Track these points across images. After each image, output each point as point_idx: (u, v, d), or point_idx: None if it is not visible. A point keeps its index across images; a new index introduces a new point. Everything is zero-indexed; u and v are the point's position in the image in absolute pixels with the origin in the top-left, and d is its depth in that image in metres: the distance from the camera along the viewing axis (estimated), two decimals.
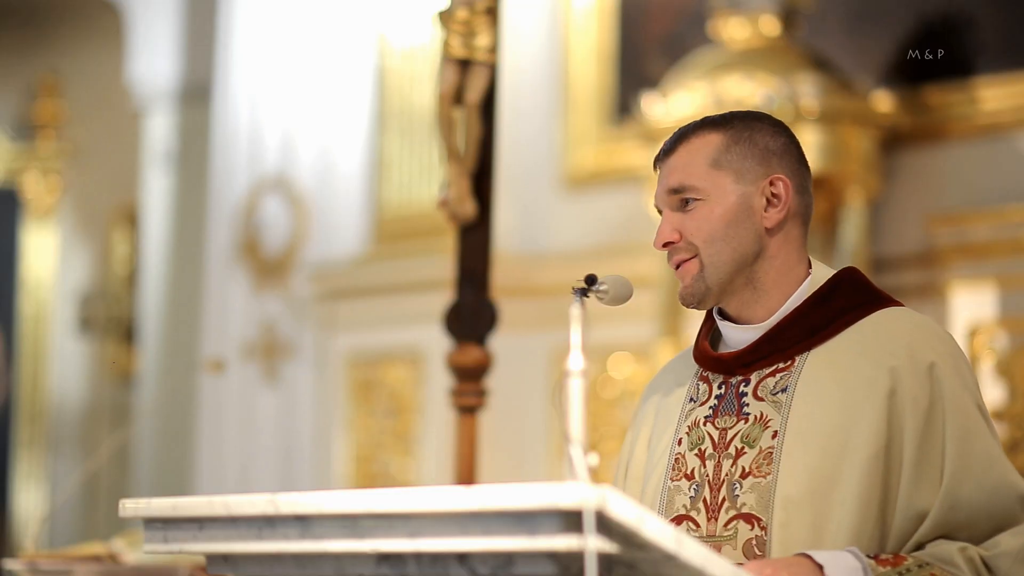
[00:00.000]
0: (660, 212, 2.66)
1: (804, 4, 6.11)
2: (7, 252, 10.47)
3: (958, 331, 5.68)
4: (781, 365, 2.57)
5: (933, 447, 2.47)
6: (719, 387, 2.63)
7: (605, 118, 7.00)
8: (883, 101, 5.97)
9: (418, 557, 2.17)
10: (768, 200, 2.59)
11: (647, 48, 6.93)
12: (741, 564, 2.40)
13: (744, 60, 5.98)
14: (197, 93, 8.79)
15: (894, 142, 6.03)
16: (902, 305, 2.63)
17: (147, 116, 9.22)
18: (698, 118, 2.67)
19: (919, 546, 2.47)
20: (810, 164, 6.22)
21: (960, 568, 2.42)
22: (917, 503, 2.46)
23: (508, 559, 2.07)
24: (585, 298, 2.34)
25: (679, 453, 2.62)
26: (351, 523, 2.20)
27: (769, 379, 2.57)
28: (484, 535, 2.06)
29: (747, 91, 5.83)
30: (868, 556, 2.41)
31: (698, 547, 2.07)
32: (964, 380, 2.53)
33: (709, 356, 2.65)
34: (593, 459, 2.06)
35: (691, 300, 2.61)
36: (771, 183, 2.58)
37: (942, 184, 6.02)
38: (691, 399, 2.66)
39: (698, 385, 2.66)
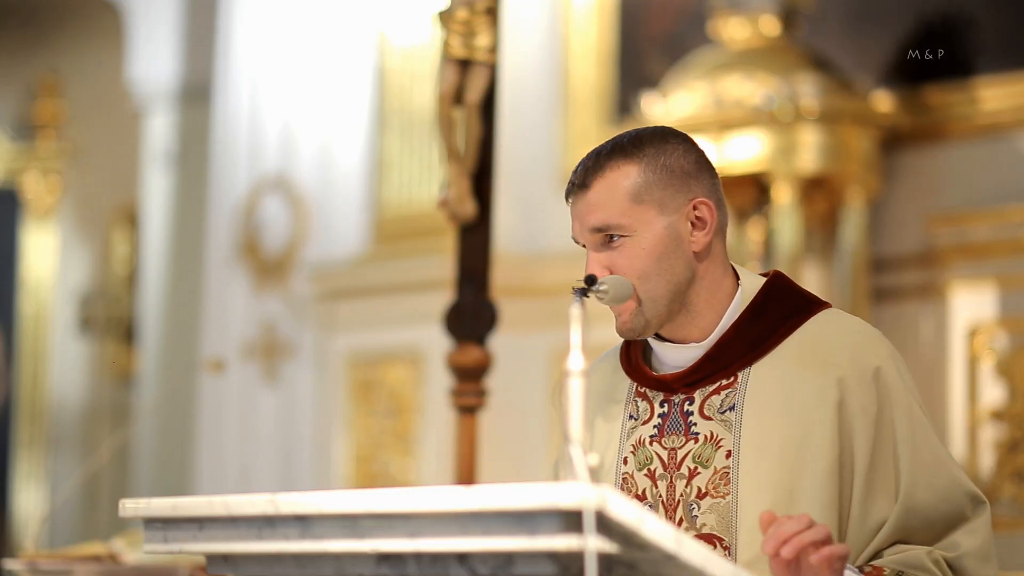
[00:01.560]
0: (580, 244, 2.61)
1: (804, 4, 6.11)
2: (7, 252, 10.46)
3: (958, 331, 5.69)
4: (724, 382, 2.55)
5: (885, 455, 2.48)
6: (661, 405, 2.60)
7: (605, 118, 7.00)
8: (883, 101, 5.97)
9: (418, 557, 2.17)
10: (693, 224, 2.55)
11: (647, 48, 6.93)
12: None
13: (744, 60, 5.98)
14: (197, 93, 8.79)
15: (894, 142, 6.03)
16: (830, 306, 2.62)
17: (147, 116, 9.22)
18: (606, 142, 2.60)
19: (877, 552, 2.47)
20: (810, 164, 6.22)
21: (933, 572, 2.43)
22: (871, 510, 2.47)
23: (508, 559, 2.07)
24: (585, 298, 2.34)
25: (626, 473, 2.60)
26: (351, 523, 2.20)
27: (714, 397, 2.55)
28: (484, 535, 2.06)
29: (747, 91, 5.83)
30: (860, 568, 2.42)
31: (698, 547, 2.07)
32: (905, 382, 2.53)
33: (649, 376, 2.62)
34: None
35: (631, 335, 2.59)
36: (695, 207, 2.55)
37: (942, 184, 6.02)
38: (631, 416, 2.63)
39: (637, 402, 2.63)
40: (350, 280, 7.48)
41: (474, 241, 4.53)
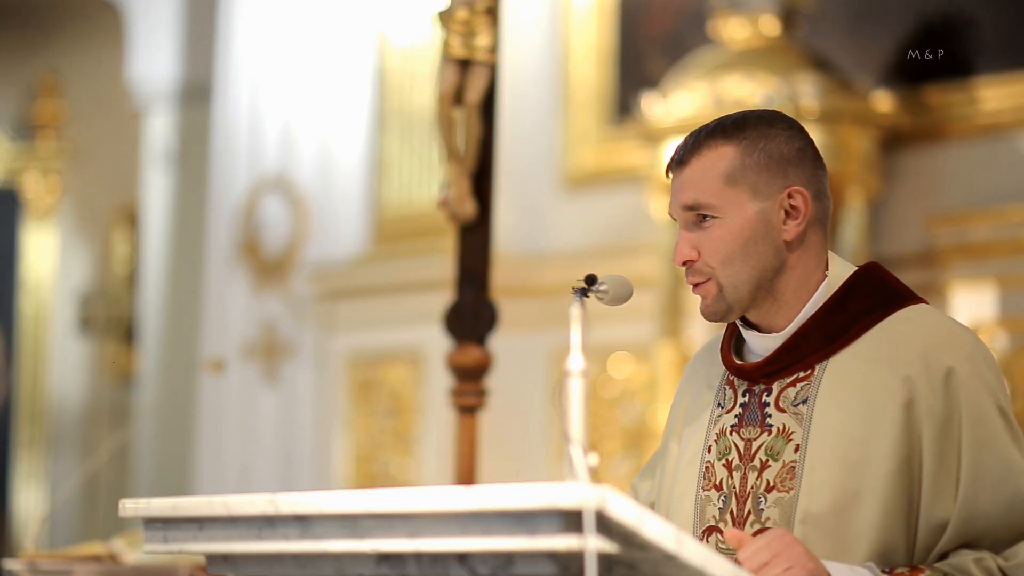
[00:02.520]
0: (675, 219, 2.59)
1: (804, 4, 6.11)
2: (7, 252, 10.47)
3: None
4: (801, 374, 2.53)
5: (950, 457, 2.44)
6: (743, 395, 2.59)
7: (605, 118, 7.00)
8: (883, 101, 5.97)
9: (418, 557, 2.17)
10: (787, 213, 2.52)
11: (647, 48, 6.93)
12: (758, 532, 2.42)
13: (744, 60, 5.98)
14: (197, 93, 8.79)
15: (894, 142, 6.03)
16: (924, 302, 2.57)
17: (147, 116, 9.22)
18: (711, 121, 2.59)
19: (942, 556, 2.44)
20: None
21: None
22: (938, 513, 2.43)
23: (508, 559, 2.07)
24: (585, 298, 2.34)
25: (709, 462, 2.60)
26: (351, 523, 2.20)
27: (790, 389, 2.54)
28: (484, 535, 2.06)
29: (747, 91, 5.82)
30: (884, 571, 2.40)
31: (698, 547, 2.07)
32: (985, 383, 2.47)
33: (733, 365, 2.62)
34: (593, 459, 2.06)
35: (713, 318, 2.57)
36: (789, 195, 2.52)
37: (942, 184, 6.02)
38: (719, 404, 2.63)
39: (725, 390, 2.63)
40: (350, 280, 7.48)
41: (474, 241, 4.52)
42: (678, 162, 2.57)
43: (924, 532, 2.44)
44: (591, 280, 2.43)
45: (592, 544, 1.97)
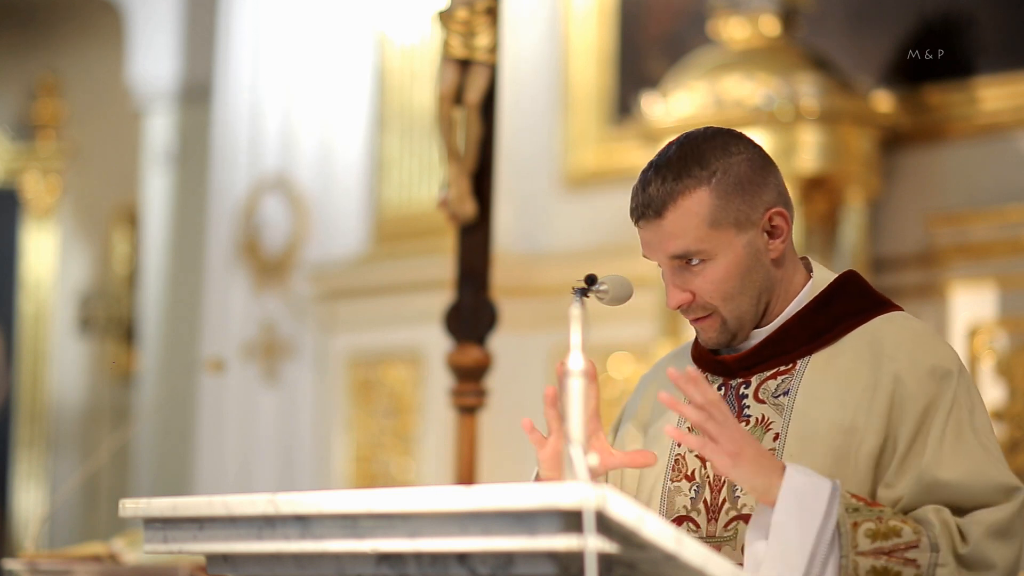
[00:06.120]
0: (650, 259, 2.61)
1: (804, 4, 6.10)
2: (7, 252, 10.46)
3: (958, 331, 5.69)
4: (782, 368, 2.58)
5: (920, 444, 2.49)
6: (718, 388, 2.63)
7: (605, 118, 7.00)
8: (883, 101, 5.97)
9: (418, 557, 2.17)
10: (769, 233, 2.58)
11: (647, 48, 6.93)
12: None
13: (744, 60, 5.98)
14: (197, 93, 8.79)
15: (894, 142, 6.03)
16: (902, 309, 2.64)
17: (147, 116, 9.22)
18: (669, 154, 2.56)
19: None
20: (810, 164, 6.21)
21: (930, 523, 2.43)
22: (894, 486, 2.48)
23: (508, 559, 2.07)
24: (585, 298, 2.35)
25: (679, 454, 2.63)
26: (351, 523, 2.20)
27: (770, 381, 2.58)
28: (484, 535, 2.06)
29: (747, 91, 5.82)
30: (849, 492, 2.44)
31: (698, 547, 2.07)
32: (966, 389, 2.53)
33: (710, 359, 2.65)
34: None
35: (718, 346, 2.63)
36: (770, 218, 2.57)
37: (942, 184, 6.02)
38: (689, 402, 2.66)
39: None
40: (350, 280, 7.47)
41: (474, 241, 4.53)
42: (654, 214, 2.55)
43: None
44: (591, 280, 2.45)
45: (592, 544, 1.97)
